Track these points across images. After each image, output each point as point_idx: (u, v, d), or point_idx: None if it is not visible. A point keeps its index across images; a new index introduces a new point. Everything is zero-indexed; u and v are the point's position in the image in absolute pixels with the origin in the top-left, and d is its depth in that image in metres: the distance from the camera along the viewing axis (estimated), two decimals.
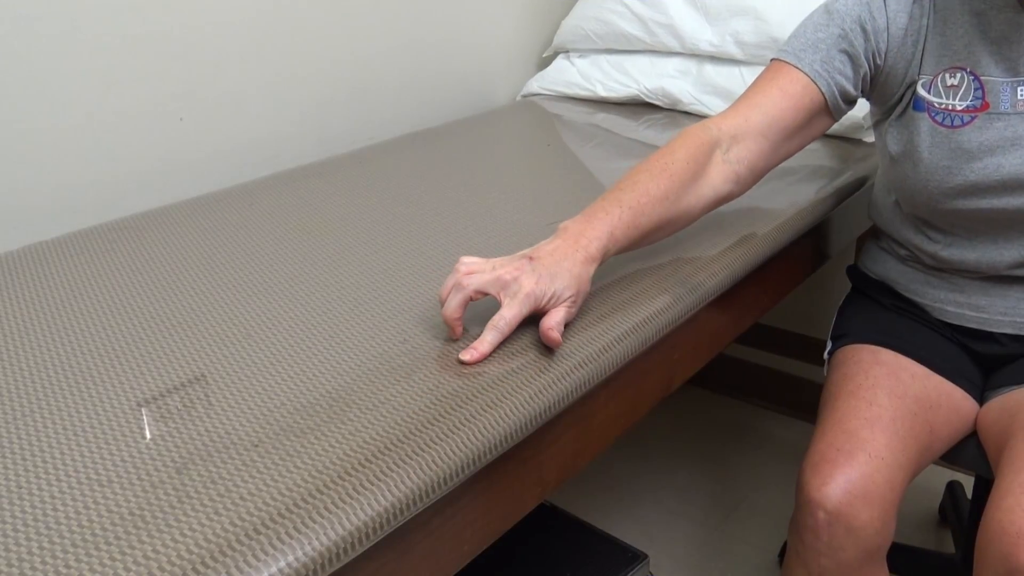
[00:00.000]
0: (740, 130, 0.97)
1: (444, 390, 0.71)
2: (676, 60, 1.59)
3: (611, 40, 1.65)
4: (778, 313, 1.97)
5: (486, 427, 0.67)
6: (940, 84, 1.00)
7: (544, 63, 1.84)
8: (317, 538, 0.55)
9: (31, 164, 1.12)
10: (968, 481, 1.68)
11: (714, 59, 1.55)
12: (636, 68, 1.62)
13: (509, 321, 0.76)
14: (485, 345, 0.76)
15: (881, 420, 0.96)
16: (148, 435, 0.66)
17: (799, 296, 1.93)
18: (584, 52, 1.72)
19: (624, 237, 0.85)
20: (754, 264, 1.01)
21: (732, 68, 1.52)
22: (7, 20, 1.06)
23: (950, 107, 0.99)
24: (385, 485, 0.60)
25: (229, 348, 0.79)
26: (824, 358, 1.18)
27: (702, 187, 0.93)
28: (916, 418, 0.99)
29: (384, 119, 1.56)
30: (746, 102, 1.00)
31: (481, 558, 0.74)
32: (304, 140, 1.44)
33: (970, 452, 1.06)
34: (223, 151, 1.33)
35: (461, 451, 0.65)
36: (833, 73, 1.00)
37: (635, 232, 0.86)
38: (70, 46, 1.12)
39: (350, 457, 0.62)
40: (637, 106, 1.63)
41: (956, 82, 0.99)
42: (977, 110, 0.98)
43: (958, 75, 0.99)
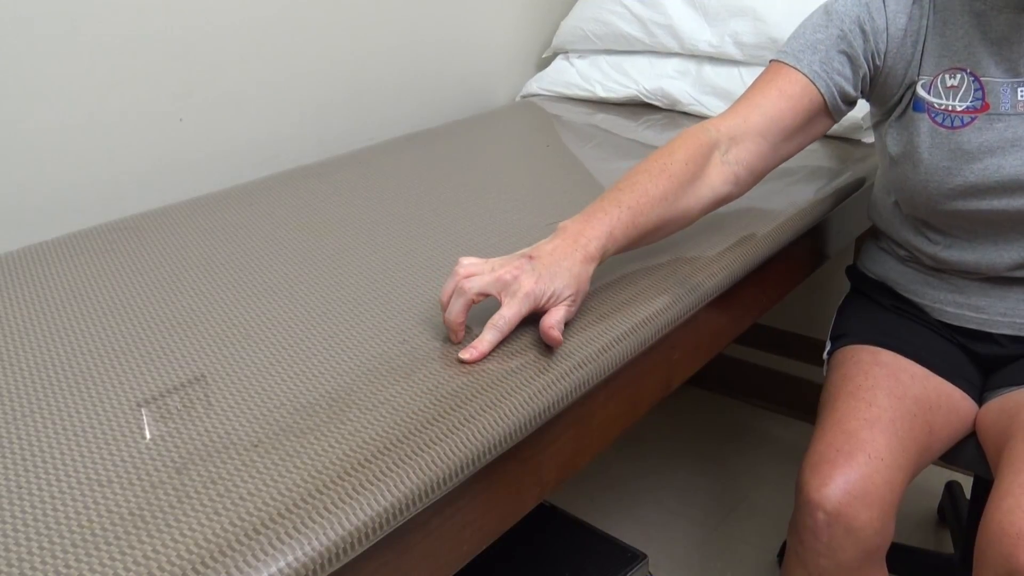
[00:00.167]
0: (739, 131, 0.97)
1: (443, 390, 0.71)
2: (675, 61, 1.59)
3: (610, 41, 1.65)
4: (777, 313, 1.97)
5: (485, 427, 0.67)
6: (940, 85, 1.00)
7: (543, 64, 1.84)
8: (317, 538, 0.55)
9: (31, 164, 1.12)
10: (967, 481, 1.68)
11: (713, 60, 1.55)
12: (635, 69, 1.62)
13: (509, 320, 0.76)
14: (485, 344, 0.76)
15: (880, 421, 0.97)
16: (148, 435, 0.66)
17: (798, 296, 1.93)
18: (583, 53, 1.72)
19: (623, 237, 0.85)
20: (753, 264, 1.01)
21: (731, 69, 1.52)
22: (7, 20, 1.06)
23: (950, 108, 0.99)
24: (384, 485, 0.60)
25: (229, 348, 0.79)
26: (823, 358, 1.18)
27: (701, 188, 0.93)
28: (915, 419, 1.00)
29: (383, 120, 1.56)
30: (745, 103, 1.00)
31: (480, 558, 0.74)
32: (304, 141, 1.44)
33: (969, 453, 1.06)
34: (223, 152, 1.33)
35: (460, 451, 0.65)
36: (832, 74, 1.00)
37: (634, 232, 0.86)
38: (70, 47, 1.12)
39: (350, 457, 0.62)
40: (636, 107, 1.63)
41: (956, 83, 0.99)
42: (977, 111, 0.98)
43: (958, 76, 0.99)
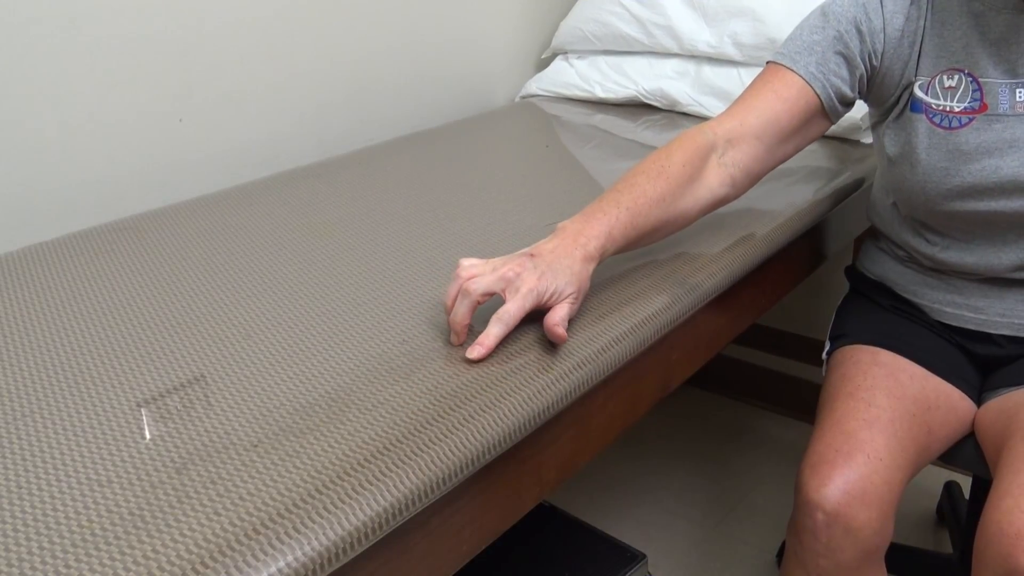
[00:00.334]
0: (735, 134, 0.97)
1: (443, 390, 0.71)
2: (674, 61, 1.59)
3: (609, 41, 1.66)
4: (776, 314, 1.98)
5: (485, 427, 0.67)
6: (938, 86, 1.00)
7: (543, 64, 1.84)
8: (316, 538, 0.56)
9: (31, 165, 1.12)
10: (965, 481, 1.69)
11: (712, 60, 1.55)
12: (634, 69, 1.63)
13: (513, 314, 0.76)
14: (491, 339, 0.76)
15: (879, 421, 0.97)
16: (148, 435, 0.66)
17: (797, 297, 1.93)
18: (582, 53, 1.72)
19: (622, 237, 0.85)
20: (752, 265, 1.01)
21: (730, 69, 1.52)
22: (7, 21, 1.06)
23: (948, 109, 0.99)
24: (384, 485, 0.60)
25: (228, 348, 0.79)
26: (822, 359, 1.18)
27: (698, 190, 0.93)
28: (914, 419, 1.00)
29: (383, 120, 1.56)
30: (741, 106, 1.00)
31: (480, 558, 0.74)
32: (303, 141, 1.44)
33: (968, 453, 1.06)
34: (222, 152, 1.33)
35: (460, 451, 0.65)
36: (828, 75, 1.01)
37: (633, 233, 0.87)
38: (70, 47, 1.12)
39: (349, 457, 0.62)
40: (635, 107, 1.63)
41: (954, 84, 0.99)
42: (975, 111, 0.98)
43: (956, 77, 0.99)
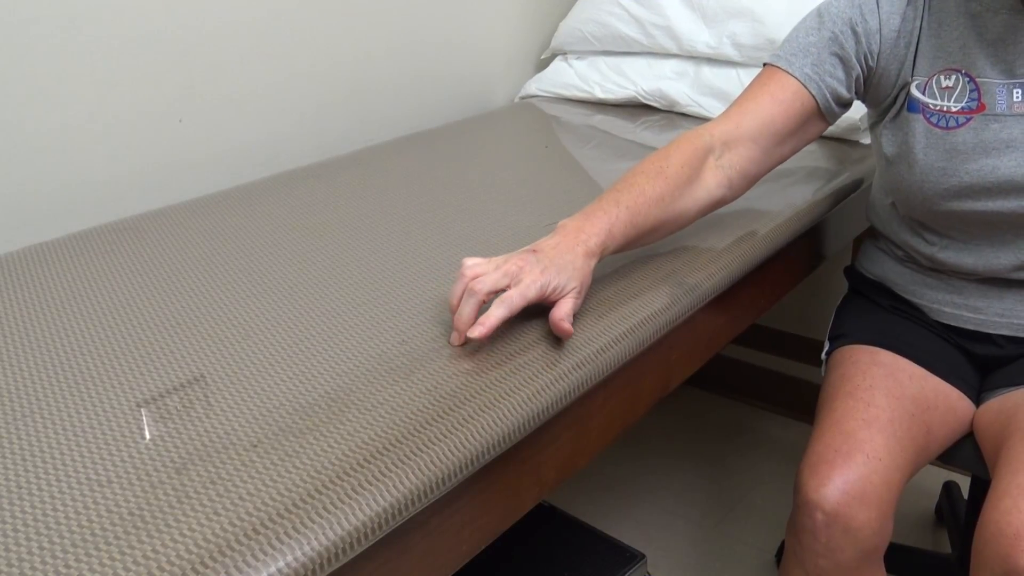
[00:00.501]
0: (731, 136, 0.98)
1: (443, 390, 0.71)
2: (673, 62, 1.59)
3: (608, 42, 1.66)
4: (776, 314, 1.98)
5: (484, 427, 0.67)
6: (935, 86, 1.00)
7: (542, 65, 1.84)
8: (316, 538, 0.56)
9: (31, 165, 1.12)
10: (964, 481, 1.69)
11: (711, 61, 1.55)
12: (633, 70, 1.63)
13: (516, 299, 0.76)
14: (492, 319, 0.75)
15: (879, 421, 0.97)
16: (147, 435, 0.66)
17: (796, 297, 1.93)
18: (582, 54, 1.72)
19: (622, 235, 0.86)
20: (751, 265, 1.01)
21: (729, 70, 1.52)
22: (7, 21, 1.06)
23: (945, 108, 1.00)
24: (384, 485, 0.60)
25: (228, 349, 0.79)
26: (822, 359, 1.18)
27: (696, 191, 0.94)
28: (913, 419, 1.00)
29: (382, 121, 1.56)
30: (738, 108, 1.01)
31: (479, 558, 0.74)
32: (303, 142, 1.44)
33: (966, 453, 1.06)
34: (222, 152, 1.33)
35: (460, 451, 0.65)
36: (824, 76, 1.01)
37: (632, 231, 0.87)
38: (70, 47, 1.12)
39: (349, 457, 0.62)
40: (634, 108, 1.63)
41: (951, 84, 1.00)
42: (973, 111, 0.98)
43: (953, 77, 1.00)
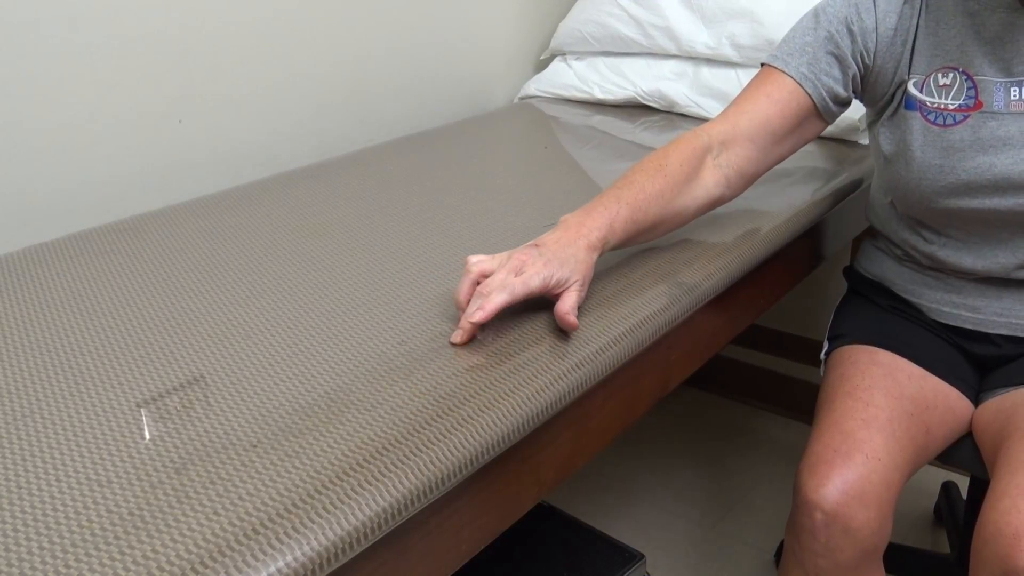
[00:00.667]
0: (729, 136, 0.99)
1: (442, 390, 0.71)
2: (672, 62, 1.60)
3: (608, 43, 1.66)
4: (775, 314, 1.98)
5: (484, 427, 0.67)
6: (932, 84, 1.01)
7: (541, 66, 1.84)
8: (316, 538, 0.56)
9: (31, 166, 1.12)
10: (963, 481, 1.69)
11: (710, 61, 1.55)
12: (632, 70, 1.63)
13: (518, 288, 0.77)
14: (493, 304, 0.75)
15: (878, 420, 0.97)
16: (147, 435, 0.66)
17: (796, 297, 1.93)
18: (581, 55, 1.72)
19: (622, 231, 0.87)
20: (751, 265, 1.01)
21: (728, 70, 1.52)
22: (7, 22, 1.06)
23: (942, 106, 1.00)
24: (383, 485, 0.60)
25: (228, 349, 0.79)
26: (821, 359, 1.18)
27: (695, 189, 0.95)
28: (912, 419, 1.00)
29: (382, 121, 1.57)
30: (735, 109, 1.02)
31: (479, 558, 0.74)
32: (302, 142, 1.44)
33: (965, 453, 1.06)
34: (222, 153, 1.33)
35: (459, 451, 0.65)
36: (820, 75, 1.01)
37: (633, 227, 0.88)
38: (70, 48, 1.12)
39: (348, 457, 0.62)
40: (634, 108, 1.63)
41: (948, 82, 1.00)
42: (970, 109, 0.99)
43: (951, 75, 1.00)
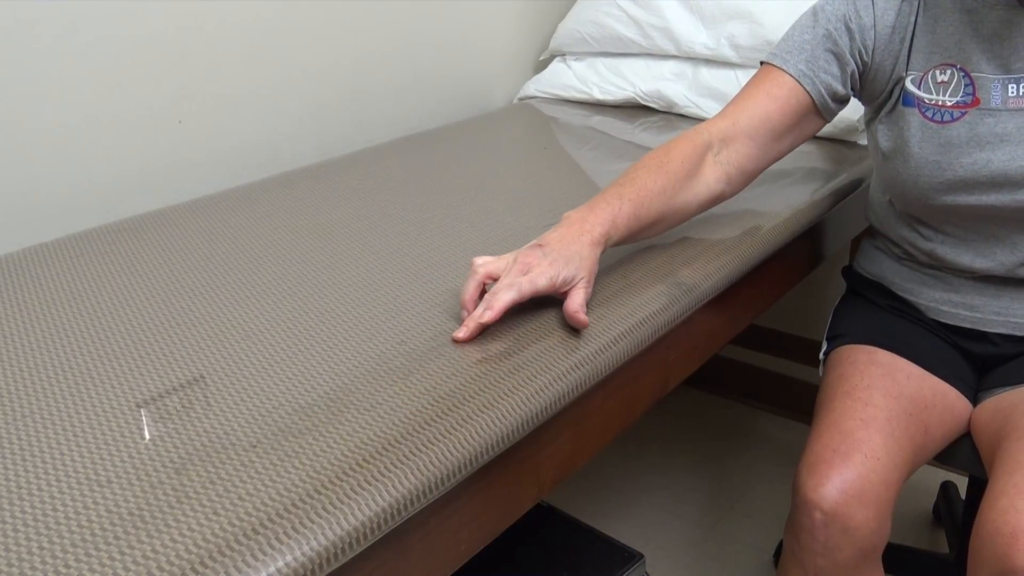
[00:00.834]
0: (729, 133, 1.00)
1: (442, 391, 0.71)
2: (671, 63, 1.60)
3: (607, 43, 1.66)
4: (774, 314, 1.98)
5: (483, 428, 0.67)
6: (930, 80, 1.01)
7: (541, 66, 1.84)
8: (315, 538, 0.56)
9: (31, 166, 1.12)
10: (962, 481, 1.69)
11: (709, 62, 1.55)
12: (632, 71, 1.63)
13: (525, 286, 0.77)
14: (501, 303, 0.76)
15: (876, 420, 0.97)
16: (147, 436, 0.66)
17: (794, 298, 1.93)
18: (580, 55, 1.72)
19: (625, 227, 0.88)
20: (750, 265, 1.01)
21: (727, 71, 1.52)
22: (7, 23, 1.06)
23: (940, 103, 1.00)
24: (383, 485, 0.60)
25: (228, 349, 0.79)
26: (820, 359, 1.18)
27: (696, 186, 0.96)
28: (911, 418, 1.00)
29: (381, 122, 1.57)
30: (735, 106, 1.03)
31: (478, 558, 0.74)
32: (302, 142, 1.44)
33: (964, 452, 1.07)
34: (221, 153, 1.33)
35: (458, 451, 0.65)
36: (819, 72, 1.02)
37: (635, 223, 0.89)
38: (69, 49, 1.12)
39: (348, 458, 0.62)
40: (633, 109, 1.64)
41: (946, 79, 1.00)
42: (968, 106, 0.99)
43: (948, 72, 1.00)
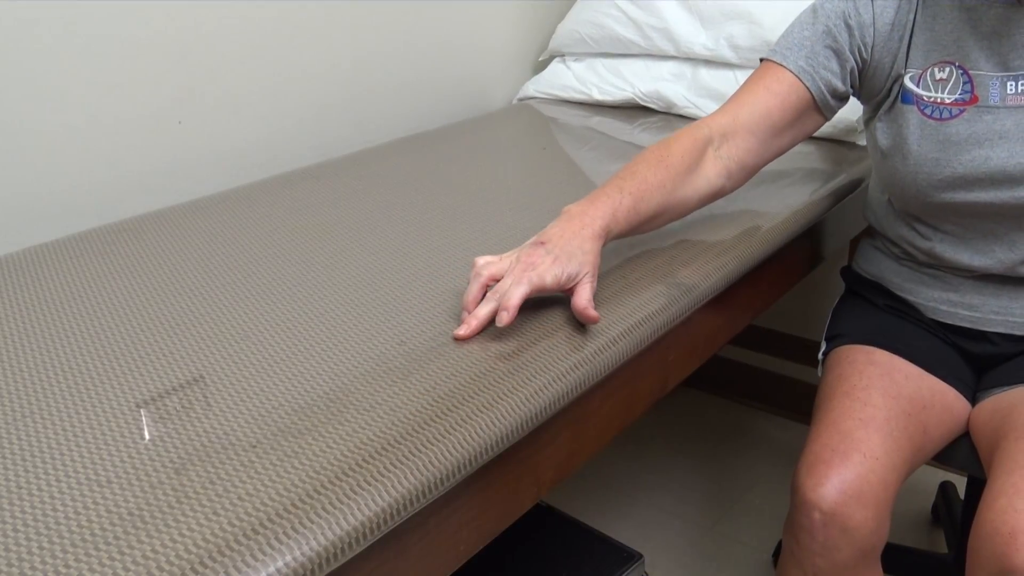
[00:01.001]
0: (729, 128, 1.00)
1: (441, 391, 0.71)
2: (671, 64, 1.60)
3: (606, 44, 1.66)
4: (773, 315, 1.98)
5: (483, 428, 0.67)
6: (929, 78, 1.01)
7: (540, 67, 1.84)
8: (315, 538, 0.56)
9: (31, 167, 1.12)
10: (961, 481, 1.69)
11: (708, 63, 1.55)
12: (631, 71, 1.63)
13: (534, 280, 0.77)
14: (515, 299, 0.76)
15: (875, 420, 0.97)
16: (147, 436, 0.67)
17: (793, 298, 1.93)
18: (579, 56, 1.72)
19: (625, 220, 0.88)
20: (749, 266, 1.01)
21: (726, 72, 1.52)
22: (7, 24, 1.06)
23: (938, 100, 1.01)
24: (382, 485, 0.60)
25: (227, 349, 0.79)
26: (819, 359, 1.18)
27: (697, 179, 0.96)
28: (910, 418, 1.00)
29: (381, 122, 1.57)
30: (735, 101, 1.03)
31: (477, 558, 0.75)
32: (301, 143, 1.45)
33: (963, 452, 1.07)
34: (221, 154, 1.33)
35: (458, 452, 0.65)
36: (818, 69, 1.02)
37: (635, 217, 0.89)
38: (69, 49, 1.12)
39: (347, 458, 0.63)
40: (632, 109, 1.64)
41: (945, 76, 1.01)
42: (966, 103, 0.99)
43: (947, 69, 1.01)
